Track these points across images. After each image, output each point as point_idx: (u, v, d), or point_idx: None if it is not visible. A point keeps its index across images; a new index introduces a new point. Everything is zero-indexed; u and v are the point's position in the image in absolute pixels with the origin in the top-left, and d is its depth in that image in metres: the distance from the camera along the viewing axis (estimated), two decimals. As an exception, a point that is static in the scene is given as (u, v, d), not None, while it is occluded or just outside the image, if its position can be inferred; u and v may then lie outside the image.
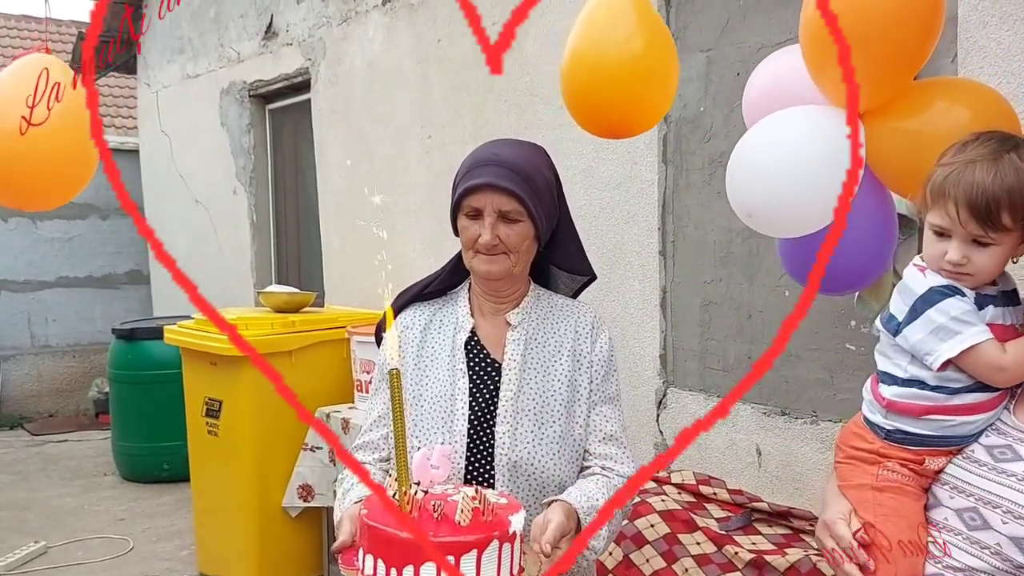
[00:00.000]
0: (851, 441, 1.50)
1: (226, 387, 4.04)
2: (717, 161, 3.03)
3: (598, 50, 1.93)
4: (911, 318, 1.40)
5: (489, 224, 1.66)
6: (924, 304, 1.38)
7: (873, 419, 1.47)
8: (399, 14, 4.52)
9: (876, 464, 1.44)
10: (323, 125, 5.27)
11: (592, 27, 1.95)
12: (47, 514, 5.36)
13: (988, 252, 1.34)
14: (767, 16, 2.84)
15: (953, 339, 1.35)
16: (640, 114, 2.01)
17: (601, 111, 1.99)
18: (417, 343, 1.78)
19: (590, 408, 1.75)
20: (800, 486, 2.81)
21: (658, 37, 1.96)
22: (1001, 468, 1.32)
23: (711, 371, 3.11)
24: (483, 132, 3.93)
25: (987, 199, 1.29)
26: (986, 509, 1.31)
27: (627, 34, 1.91)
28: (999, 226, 1.31)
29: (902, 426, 1.42)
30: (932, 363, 1.37)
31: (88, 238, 8.24)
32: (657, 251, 3.24)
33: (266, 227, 6.21)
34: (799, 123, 1.70)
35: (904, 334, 1.41)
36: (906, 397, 1.42)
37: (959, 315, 1.36)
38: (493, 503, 1.35)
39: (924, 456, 1.41)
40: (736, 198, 1.80)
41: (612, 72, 1.91)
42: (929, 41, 1.59)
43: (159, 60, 7.10)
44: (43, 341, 8.16)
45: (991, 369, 1.35)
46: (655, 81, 1.96)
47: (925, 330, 1.38)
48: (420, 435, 1.68)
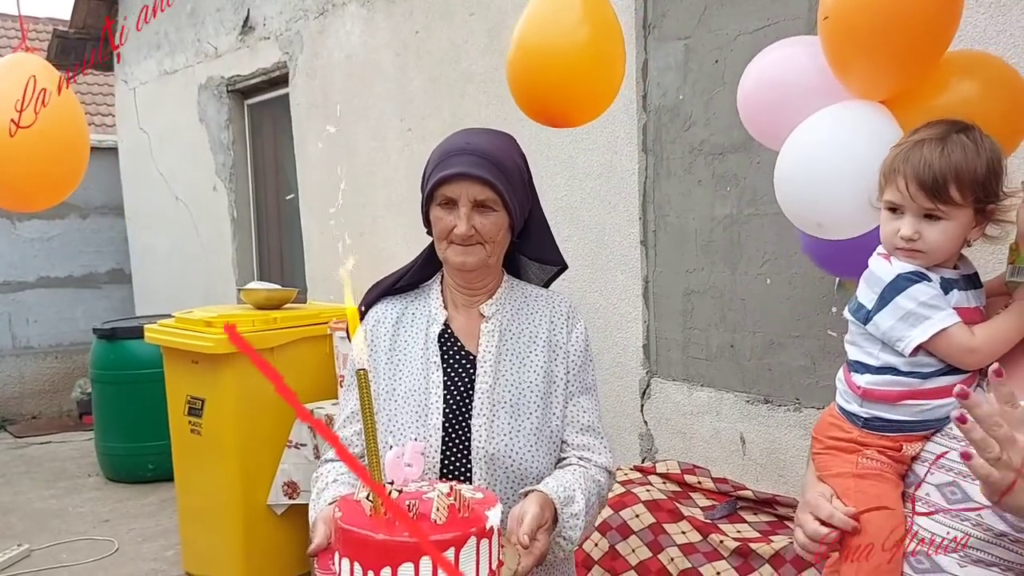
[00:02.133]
0: (828, 432, 1.51)
1: (208, 385, 4.00)
2: (697, 149, 3.02)
3: (543, 39, 1.91)
4: (880, 305, 1.41)
5: (464, 214, 1.63)
6: (892, 291, 1.40)
7: (849, 409, 1.47)
8: (376, 6, 4.49)
9: (855, 452, 1.44)
10: (302, 119, 5.23)
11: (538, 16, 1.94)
12: (30, 516, 5.31)
13: (940, 228, 1.37)
14: (744, 3, 2.83)
15: (923, 324, 1.37)
16: (583, 103, 2.00)
17: (544, 100, 1.98)
18: (389, 337, 1.76)
19: (567, 399, 1.73)
20: (784, 473, 2.82)
21: (604, 27, 1.94)
22: None
23: (694, 360, 3.11)
24: (463, 123, 3.89)
25: (934, 173, 1.34)
26: (965, 482, 1.32)
27: (572, 24, 1.89)
28: (948, 199, 1.34)
29: (880, 413, 1.42)
30: (904, 349, 1.38)
31: (68, 238, 8.16)
32: (639, 241, 3.23)
33: (247, 223, 6.16)
34: (843, 123, 1.69)
35: (875, 322, 1.42)
36: (881, 384, 1.42)
37: (927, 300, 1.37)
38: (468, 499, 1.34)
39: (901, 443, 1.41)
40: (799, 211, 1.77)
41: (555, 61, 1.90)
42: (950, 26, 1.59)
43: (136, 56, 7.02)
44: (24, 342, 8.08)
45: (961, 351, 1.37)
46: (599, 71, 1.95)
47: (895, 316, 1.39)
48: (395, 430, 1.66)
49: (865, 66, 1.62)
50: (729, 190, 2.93)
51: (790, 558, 2.38)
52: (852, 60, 1.64)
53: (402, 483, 1.40)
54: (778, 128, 1.89)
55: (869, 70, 1.63)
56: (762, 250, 2.85)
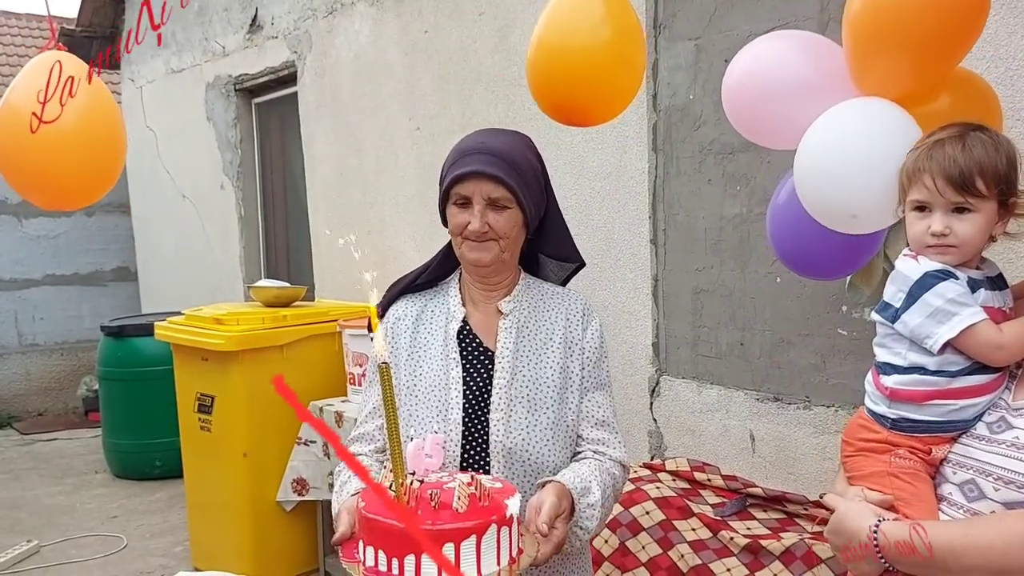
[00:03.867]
0: (858, 434, 1.51)
1: (218, 382, 4.02)
2: (707, 149, 3.04)
3: (564, 38, 1.93)
4: (908, 303, 1.43)
5: (478, 212, 1.67)
6: (920, 289, 1.41)
7: (878, 410, 1.48)
8: (385, 5, 4.50)
9: (887, 452, 1.45)
10: (310, 118, 5.25)
11: (559, 15, 1.95)
12: (39, 513, 5.33)
13: (969, 221, 1.39)
14: (755, 4, 2.85)
15: (951, 321, 1.38)
16: (604, 102, 2.01)
17: (564, 99, 2.00)
18: (410, 334, 1.79)
19: (582, 395, 1.76)
20: (794, 471, 2.83)
21: (625, 26, 1.96)
22: (993, 439, 1.36)
23: (703, 358, 3.12)
24: (471, 122, 3.92)
25: (960, 167, 1.37)
26: (981, 478, 1.34)
27: (593, 23, 1.91)
28: (976, 192, 1.37)
29: (907, 414, 1.43)
30: (932, 346, 1.39)
31: (74, 235, 8.18)
32: (648, 239, 3.25)
33: (254, 221, 6.18)
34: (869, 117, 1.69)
35: (903, 320, 1.43)
36: (908, 384, 1.43)
37: (955, 297, 1.39)
38: (489, 488, 1.36)
39: (930, 445, 1.42)
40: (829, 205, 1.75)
41: (576, 60, 1.91)
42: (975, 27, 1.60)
43: (143, 55, 7.04)
44: (31, 339, 8.10)
45: (989, 347, 1.38)
46: (620, 70, 1.96)
47: (923, 314, 1.40)
48: (415, 424, 1.69)
49: (886, 63, 1.63)
50: (739, 189, 2.95)
51: (800, 555, 2.40)
52: (875, 57, 1.64)
53: (423, 473, 1.43)
54: (762, 124, 1.91)
55: (890, 68, 1.64)
56: (772, 249, 2.86)
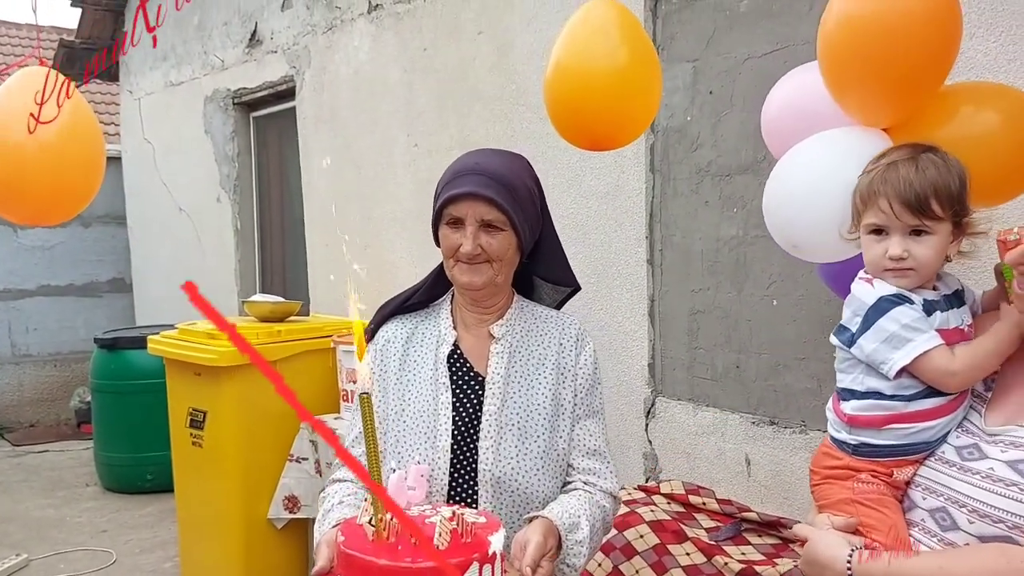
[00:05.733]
0: (823, 462, 1.52)
1: (211, 397, 4.00)
2: (704, 170, 3.03)
3: (582, 62, 1.93)
4: (864, 328, 1.43)
5: (471, 233, 1.64)
6: (876, 313, 1.42)
7: (839, 437, 1.49)
8: (385, 23, 4.51)
9: (850, 478, 1.45)
10: (308, 133, 5.25)
11: (577, 39, 1.95)
12: (29, 526, 5.29)
13: (926, 243, 1.40)
14: (752, 27, 2.85)
15: (906, 347, 1.39)
16: (623, 126, 2.02)
17: (584, 123, 1.99)
18: (399, 357, 1.76)
19: (574, 422, 1.73)
20: (789, 496, 2.81)
21: (642, 50, 1.96)
22: (967, 467, 1.34)
23: (699, 380, 3.11)
24: (469, 140, 3.92)
25: (915, 190, 1.38)
26: (953, 508, 1.32)
27: (611, 47, 1.91)
28: (932, 214, 1.38)
29: (867, 439, 1.44)
30: (888, 371, 1.40)
31: (70, 246, 8.16)
32: (645, 260, 3.24)
33: (250, 235, 6.17)
34: (831, 148, 1.71)
35: (859, 344, 1.44)
36: (866, 409, 1.44)
37: (910, 322, 1.39)
38: (471, 523, 1.34)
39: (892, 468, 1.42)
40: (777, 230, 1.82)
41: (596, 84, 1.91)
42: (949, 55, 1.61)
43: (141, 67, 7.05)
44: (24, 350, 8.06)
45: (942, 374, 1.38)
46: (638, 94, 1.97)
47: (878, 339, 1.41)
48: (403, 451, 1.66)
49: (860, 94, 1.64)
50: (736, 211, 2.94)
51: (795, 581, 2.37)
52: (848, 88, 1.65)
53: (405, 506, 1.40)
54: None
55: (865, 98, 1.65)
56: (768, 271, 2.86)
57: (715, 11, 2.96)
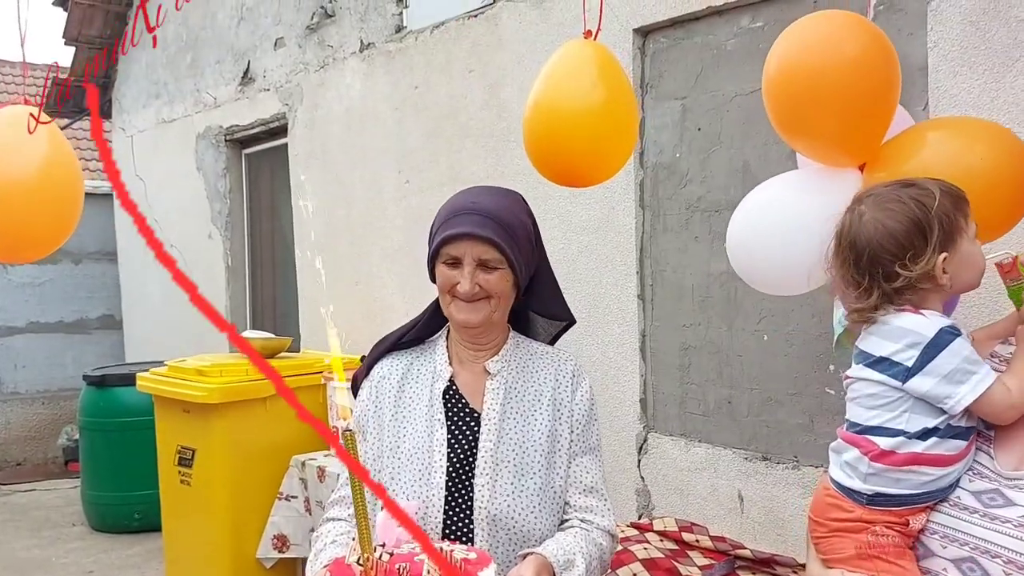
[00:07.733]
0: (829, 513, 1.44)
1: (199, 435, 3.96)
2: (694, 206, 3.05)
3: (558, 101, 1.95)
4: (924, 362, 1.34)
5: (468, 272, 1.64)
6: (935, 347, 1.34)
7: (850, 485, 1.41)
8: (376, 61, 4.55)
9: (863, 531, 1.39)
10: (300, 169, 5.26)
11: (553, 78, 1.97)
12: (14, 567, 5.20)
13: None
14: (739, 66, 2.89)
15: (970, 381, 1.33)
16: (598, 165, 2.03)
17: (560, 161, 2.01)
18: (395, 394, 1.75)
19: (570, 459, 1.72)
20: (783, 532, 2.79)
21: (618, 90, 1.98)
22: (994, 514, 1.29)
23: (691, 415, 3.10)
24: (460, 177, 3.94)
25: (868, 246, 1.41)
26: (984, 559, 1.27)
27: (587, 86, 1.93)
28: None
29: (883, 489, 1.37)
30: (951, 407, 1.33)
31: (60, 283, 8.12)
32: (635, 295, 3.25)
33: (241, 271, 6.16)
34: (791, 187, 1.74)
35: (917, 379, 1.35)
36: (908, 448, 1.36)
37: (969, 354, 1.34)
38: (461, 559, 1.33)
39: (906, 516, 1.37)
40: (734, 260, 1.92)
41: (571, 123, 1.93)
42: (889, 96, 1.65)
43: (134, 104, 7.08)
44: (12, 388, 7.99)
45: (1005, 407, 1.33)
46: (614, 133, 1.99)
47: (940, 373, 1.33)
48: (398, 488, 1.65)
49: (807, 138, 1.68)
50: (725, 247, 2.95)
51: (790, 619, 2.35)
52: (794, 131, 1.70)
53: (394, 544, 1.39)
54: None
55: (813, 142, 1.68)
56: (759, 307, 2.87)
57: (703, 50, 3.00)
